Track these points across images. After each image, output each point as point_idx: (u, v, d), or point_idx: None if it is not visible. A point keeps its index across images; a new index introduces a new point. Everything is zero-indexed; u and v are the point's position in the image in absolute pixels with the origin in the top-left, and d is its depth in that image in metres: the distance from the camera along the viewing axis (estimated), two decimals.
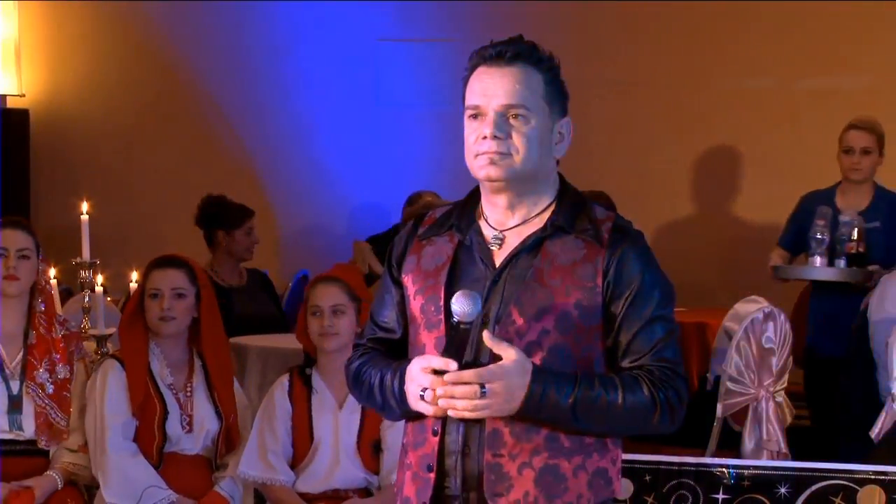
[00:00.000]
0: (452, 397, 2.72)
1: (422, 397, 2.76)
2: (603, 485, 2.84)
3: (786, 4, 7.66)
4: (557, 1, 8.13)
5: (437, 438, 2.81)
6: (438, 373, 2.74)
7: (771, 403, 5.46)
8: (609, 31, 8.15)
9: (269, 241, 8.07)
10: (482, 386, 2.70)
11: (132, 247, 8.16)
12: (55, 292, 5.23)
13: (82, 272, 5.33)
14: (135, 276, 5.43)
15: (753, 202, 7.72)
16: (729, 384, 5.47)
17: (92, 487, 4.71)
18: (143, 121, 8.88)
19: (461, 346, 2.74)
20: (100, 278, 5.27)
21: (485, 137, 2.81)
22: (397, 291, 2.96)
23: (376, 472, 4.59)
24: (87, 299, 5.32)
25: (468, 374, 2.71)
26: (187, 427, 4.63)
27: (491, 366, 2.72)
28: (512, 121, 2.82)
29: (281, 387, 4.68)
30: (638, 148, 8.09)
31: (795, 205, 6.55)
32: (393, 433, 4.53)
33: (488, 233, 2.88)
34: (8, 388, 4.61)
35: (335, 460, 4.59)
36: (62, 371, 4.67)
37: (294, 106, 8.66)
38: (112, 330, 5.18)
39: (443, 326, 2.81)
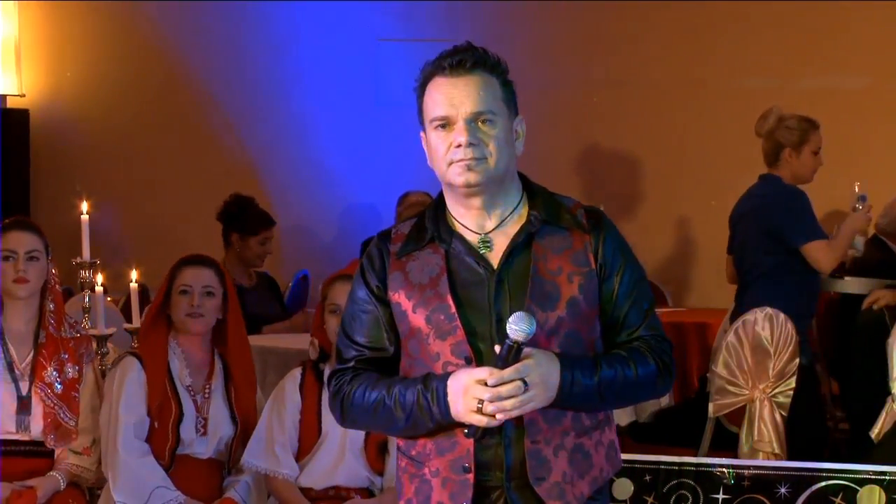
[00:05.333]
0: (500, 399, 2.80)
1: (479, 409, 2.82)
2: (614, 456, 3.03)
3: (783, 5, 7.67)
4: (556, 1, 8.14)
5: (471, 440, 2.88)
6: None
7: (766, 404, 5.44)
8: (606, 32, 8.15)
9: None
10: (524, 381, 2.80)
11: (132, 247, 8.18)
12: None
13: (82, 272, 5.31)
14: (135, 275, 5.41)
15: None
16: (719, 384, 5.47)
17: (94, 489, 4.70)
18: (143, 121, 8.88)
19: (514, 363, 2.82)
20: (100, 278, 5.25)
21: (458, 146, 2.90)
22: (384, 310, 2.99)
23: (380, 473, 4.58)
24: (87, 299, 5.31)
25: (507, 371, 2.80)
26: (202, 430, 4.59)
27: (524, 360, 2.82)
28: (482, 126, 2.91)
29: (293, 379, 4.66)
30: (635, 148, 8.09)
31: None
32: None
33: (472, 238, 2.96)
34: (17, 388, 4.58)
35: (340, 456, 4.57)
36: (71, 371, 4.63)
37: (294, 106, 8.67)
38: (112, 330, 5.17)
39: (459, 332, 2.89)
